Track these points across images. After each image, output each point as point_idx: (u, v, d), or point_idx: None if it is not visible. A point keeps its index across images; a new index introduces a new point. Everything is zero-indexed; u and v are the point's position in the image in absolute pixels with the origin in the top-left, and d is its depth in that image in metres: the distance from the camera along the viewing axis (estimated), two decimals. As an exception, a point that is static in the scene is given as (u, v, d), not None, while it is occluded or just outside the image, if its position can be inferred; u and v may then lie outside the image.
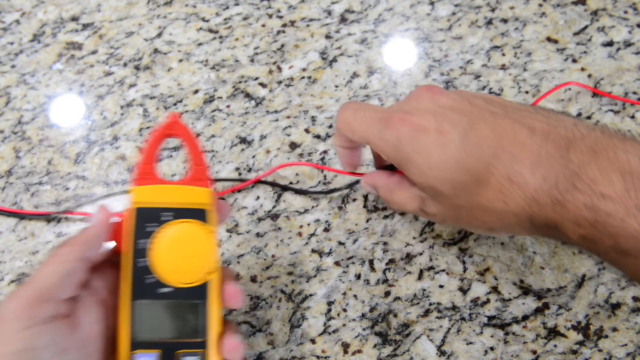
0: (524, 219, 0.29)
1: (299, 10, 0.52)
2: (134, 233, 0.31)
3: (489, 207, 0.29)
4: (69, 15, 0.53)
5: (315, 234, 0.42)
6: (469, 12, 0.51)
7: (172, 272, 0.31)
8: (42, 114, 0.48)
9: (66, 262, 0.29)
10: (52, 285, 0.28)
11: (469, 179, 0.29)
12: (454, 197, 0.30)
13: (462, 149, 0.29)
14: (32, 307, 0.28)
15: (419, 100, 0.33)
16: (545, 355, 0.38)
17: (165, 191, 0.32)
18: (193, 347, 0.32)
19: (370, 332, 0.39)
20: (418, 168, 0.31)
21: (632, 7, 0.51)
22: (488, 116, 0.30)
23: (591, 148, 0.27)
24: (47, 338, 0.28)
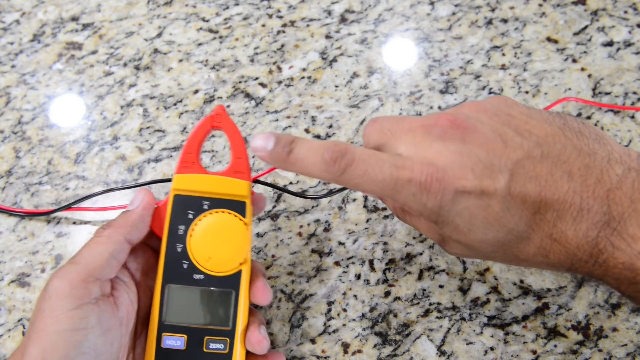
0: (563, 269, 0.28)
1: (299, 10, 0.52)
2: (172, 218, 0.33)
3: (529, 260, 0.28)
4: (69, 15, 0.53)
5: (315, 234, 0.42)
6: (469, 12, 0.51)
7: (207, 259, 0.33)
8: (42, 114, 0.48)
9: (111, 244, 0.30)
10: (99, 265, 0.29)
11: (512, 237, 0.27)
12: (491, 252, 0.29)
13: (506, 207, 0.27)
14: (80, 286, 0.28)
15: (445, 141, 0.28)
16: (545, 355, 0.38)
17: (206, 180, 0.33)
18: (220, 335, 0.33)
19: (370, 332, 0.39)
20: (457, 229, 0.28)
21: (632, 7, 0.51)
22: (526, 162, 0.27)
23: (629, 197, 0.26)
24: (95, 318, 0.28)
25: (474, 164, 0.27)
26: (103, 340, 0.29)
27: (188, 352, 0.32)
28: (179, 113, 0.48)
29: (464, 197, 0.27)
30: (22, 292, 0.41)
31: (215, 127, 0.34)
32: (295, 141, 0.30)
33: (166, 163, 0.45)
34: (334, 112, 0.47)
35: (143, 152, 0.46)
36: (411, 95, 0.48)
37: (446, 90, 0.47)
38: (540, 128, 0.28)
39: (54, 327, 0.27)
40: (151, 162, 0.46)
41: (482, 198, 0.27)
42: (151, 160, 0.46)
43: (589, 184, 0.26)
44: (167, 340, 0.32)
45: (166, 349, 0.32)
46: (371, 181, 0.28)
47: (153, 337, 0.32)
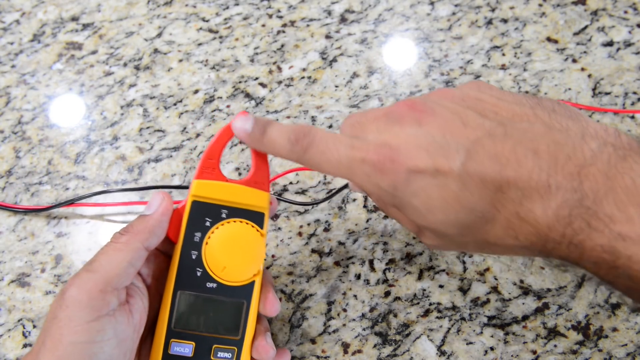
0: (537, 252, 0.26)
1: (299, 10, 0.52)
2: (189, 225, 0.32)
3: (499, 242, 0.27)
4: (69, 15, 0.53)
5: (315, 234, 0.42)
6: (469, 12, 0.51)
7: (222, 269, 0.32)
8: (42, 114, 0.48)
9: (130, 251, 0.29)
10: (117, 274, 0.29)
11: (475, 218, 0.26)
12: (458, 236, 0.28)
13: (464, 186, 0.26)
14: (99, 297, 0.28)
15: (403, 125, 0.28)
16: (545, 355, 0.38)
17: (226, 189, 0.32)
18: (228, 344, 0.32)
19: (370, 332, 0.39)
20: (417, 211, 0.28)
21: (632, 7, 0.51)
22: (486, 141, 0.26)
23: (605, 174, 0.24)
24: (112, 330, 0.28)
25: (428, 144, 0.27)
26: (118, 351, 0.29)
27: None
28: (179, 113, 0.48)
29: (418, 176, 0.27)
30: (22, 292, 0.41)
31: None
32: (269, 123, 0.31)
33: (166, 163, 0.45)
34: (334, 112, 0.47)
35: (143, 152, 0.46)
36: (411, 95, 0.48)
37: (446, 90, 0.47)
38: (508, 109, 0.27)
39: (70, 338, 0.27)
40: (151, 162, 0.46)
41: (437, 177, 0.26)
42: (151, 160, 0.46)
43: (558, 161, 0.25)
44: (175, 347, 0.31)
45: (173, 355, 0.31)
46: (328, 161, 0.28)
47: (160, 343, 0.31)
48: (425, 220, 0.28)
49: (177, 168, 0.45)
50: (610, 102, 0.46)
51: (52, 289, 0.41)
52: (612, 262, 0.23)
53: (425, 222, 0.28)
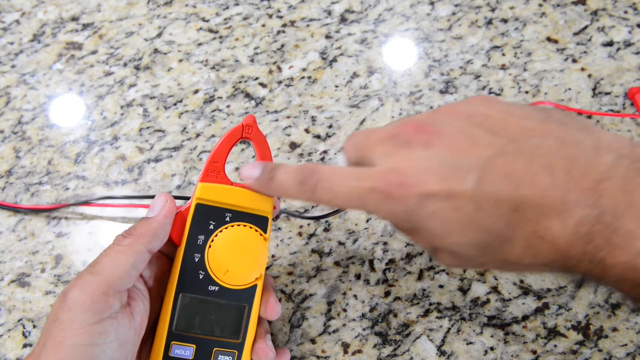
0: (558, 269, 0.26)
1: (299, 10, 0.52)
2: (193, 227, 0.32)
3: (519, 261, 0.26)
4: (69, 15, 0.53)
5: (315, 234, 0.42)
6: (469, 12, 0.51)
7: (224, 272, 0.32)
8: (42, 114, 0.48)
9: (132, 254, 0.29)
10: (119, 276, 0.29)
11: (492, 239, 0.26)
12: (477, 257, 0.27)
13: (478, 208, 0.25)
14: (101, 299, 0.28)
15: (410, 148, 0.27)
16: (545, 355, 0.38)
17: (231, 192, 0.32)
18: (229, 347, 0.32)
19: (370, 332, 0.39)
20: (433, 234, 0.27)
21: (632, 7, 0.51)
22: (497, 160, 0.25)
23: (622, 188, 0.23)
24: (114, 333, 0.28)
25: (439, 166, 0.26)
26: (119, 353, 0.28)
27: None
28: (179, 113, 0.48)
29: (431, 200, 0.26)
30: (22, 292, 0.41)
31: (246, 138, 0.33)
32: (276, 168, 0.31)
33: (166, 163, 0.45)
34: (334, 112, 0.47)
35: (143, 152, 0.46)
36: (411, 95, 0.48)
37: (446, 90, 0.47)
38: (517, 124, 0.26)
39: (72, 341, 0.27)
40: (151, 162, 0.46)
41: (450, 200, 0.25)
42: (151, 160, 0.46)
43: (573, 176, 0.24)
44: (176, 350, 0.31)
45: (174, 357, 0.31)
46: (338, 196, 0.28)
47: (161, 345, 0.31)
48: (442, 243, 0.27)
49: (177, 168, 0.45)
50: (610, 102, 0.46)
51: (52, 289, 0.41)
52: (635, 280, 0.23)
53: (443, 244, 0.27)
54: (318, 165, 0.29)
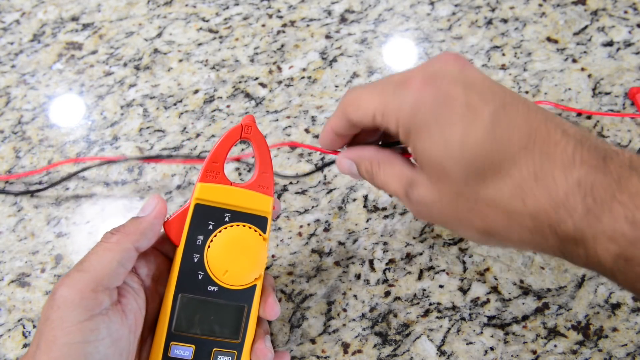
0: (542, 225, 0.25)
1: (299, 10, 0.52)
2: (192, 228, 0.32)
3: (501, 203, 0.25)
4: (69, 15, 0.53)
5: (315, 234, 0.42)
6: (469, 12, 0.51)
7: (223, 272, 0.32)
8: (42, 114, 0.48)
9: (120, 251, 0.29)
10: (107, 274, 0.29)
11: (488, 165, 0.25)
12: (460, 183, 0.26)
13: (491, 130, 0.25)
14: (90, 297, 0.28)
15: (446, 65, 0.27)
16: (545, 355, 0.38)
17: (230, 192, 0.32)
18: (228, 347, 0.32)
19: (370, 332, 0.39)
20: (432, 140, 0.26)
21: (632, 7, 0.51)
22: (521, 105, 0.26)
23: (629, 164, 0.24)
24: (105, 329, 0.28)
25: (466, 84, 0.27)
26: (113, 350, 0.28)
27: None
28: (179, 113, 0.48)
29: (448, 104, 0.26)
30: (22, 292, 0.41)
31: (245, 138, 0.33)
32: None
33: (166, 163, 0.45)
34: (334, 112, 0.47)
35: (143, 152, 0.46)
36: (411, 95, 0.48)
37: (446, 90, 0.47)
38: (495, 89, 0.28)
39: (64, 339, 0.27)
40: (151, 162, 0.46)
41: (466, 111, 0.26)
42: (151, 160, 0.46)
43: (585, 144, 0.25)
44: (176, 350, 0.31)
45: (173, 357, 0.31)
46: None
47: (160, 345, 0.31)
48: (437, 151, 0.26)
49: (177, 168, 0.45)
50: (610, 102, 0.46)
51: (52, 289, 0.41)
52: (632, 237, 0.23)
53: (436, 153, 0.26)
54: None
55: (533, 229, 0.25)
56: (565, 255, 0.25)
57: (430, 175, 0.27)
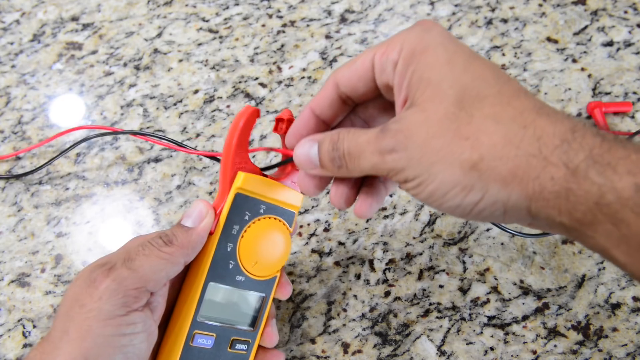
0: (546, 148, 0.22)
1: (299, 10, 0.52)
2: (230, 216, 0.31)
3: (499, 123, 0.23)
4: (69, 15, 0.53)
5: (315, 234, 0.42)
6: (469, 12, 0.51)
7: (253, 263, 0.32)
8: (42, 114, 0.48)
9: (171, 264, 0.29)
10: (154, 280, 0.29)
11: (489, 91, 0.24)
12: (455, 103, 0.24)
13: (493, 67, 0.25)
14: (132, 294, 0.28)
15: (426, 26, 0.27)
16: (545, 355, 0.38)
17: (268, 185, 0.32)
18: (245, 336, 0.33)
19: (370, 332, 0.39)
20: (436, 58, 0.25)
21: (632, 7, 0.51)
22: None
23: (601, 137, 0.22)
24: (141, 324, 0.28)
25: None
26: (147, 345, 0.29)
27: (213, 351, 0.32)
28: (179, 113, 0.48)
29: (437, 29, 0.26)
30: (22, 292, 0.41)
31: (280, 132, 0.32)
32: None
33: (166, 163, 0.45)
34: (334, 112, 0.47)
35: (143, 152, 0.46)
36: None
37: (446, 90, 0.48)
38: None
39: (100, 330, 0.26)
40: (151, 162, 0.46)
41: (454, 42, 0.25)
42: (151, 160, 0.46)
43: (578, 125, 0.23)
44: (199, 339, 0.31)
45: (195, 347, 0.31)
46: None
47: (183, 334, 0.31)
48: (438, 68, 0.24)
49: (177, 168, 0.45)
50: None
51: (52, 289, 0.41)
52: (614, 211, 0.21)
53: (437, 70, 0.24)
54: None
55: (533, 155, 0.22)
56: (569, 192, 0.22)
57: (422, 95, 0.25)
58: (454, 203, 0.24)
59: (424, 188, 0.24)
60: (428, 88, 0.24)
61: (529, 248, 0.41)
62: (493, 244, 0.41)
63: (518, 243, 0.41)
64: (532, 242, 0.41)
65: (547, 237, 0.41)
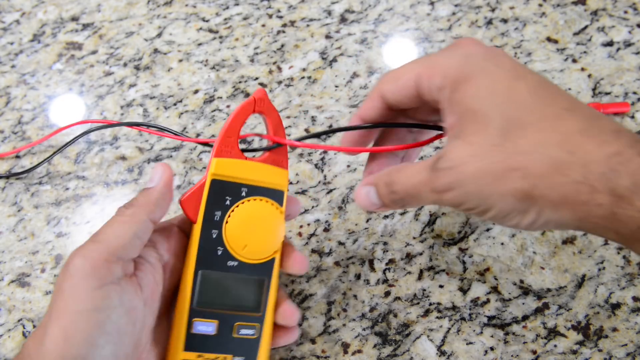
0: (592, 176, 0.23)
1: (299, 10, 0.52)
2: (209, 204, 0.32)
3: (545, 151, 0.24)
4: (69, 15, 0.53)
5: (315, 234, 0.42)
6: (469, 12, 0.51)
7: (243, 247, 0.32)
8: (42, 114, 0.48)
9: (135, 223, 0.29)
10: (122, 245, 0.29)
11: (532, 117, 0.24)
12: (500, 133, 0.24)
13: (537, 89, 0.25)
14: (102, 266, 0.28)
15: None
16: (545, 355, 0.38)
17: (245, 167, 0.32)
18: (250, 321, 0.33)
19: (370, 332, 0.39)
20: (479, 87, 0.26)
21: (632, 7, 0.51)
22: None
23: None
24: (117, 298, 0.28)
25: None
26: (126, 320, 0.28)
27: (218, 338, 0.32)
28: (179, 113, 0.48)
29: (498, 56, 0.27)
30: (22, 292, 0.41)
31: (258, 111, 0.33)
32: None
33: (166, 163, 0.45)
34: (334, 112, 0.47)
35: (143, 152, 0.46)
36: (411, 95, 0.48)
37: (446, 90, 0.47)
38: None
39: (75, 307, 0.27)
40: (151, 162, 0.46)
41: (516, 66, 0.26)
42: (151, 160, 0.46)
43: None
44: (199, 326, 0.31)
45: (196, 334, 0.31)
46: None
47: (183, 323, 0.31)
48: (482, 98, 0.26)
49: (177, 168, 0.45)
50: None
51: (52, 289, 0.41)
52: None
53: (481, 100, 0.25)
54: None
55: (581, 182, 0.23)
56: (615, 216, 0.23)
57: (467, 127, 0.26)
58: (513, 223, 0.26)
59: (485, 214, 0.26)
60: (473, 122, 0.25)
61: (529, 248, 0.41)
62: (493, 244, 0.41)
63: (518, 243, 0.41)
64: (532, 242, 0.41)
65: (547, 237, 0.41)
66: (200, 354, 0.31)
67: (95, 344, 0.26)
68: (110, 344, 0.27)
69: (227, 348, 0.32)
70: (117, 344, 0.28)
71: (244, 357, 0.32)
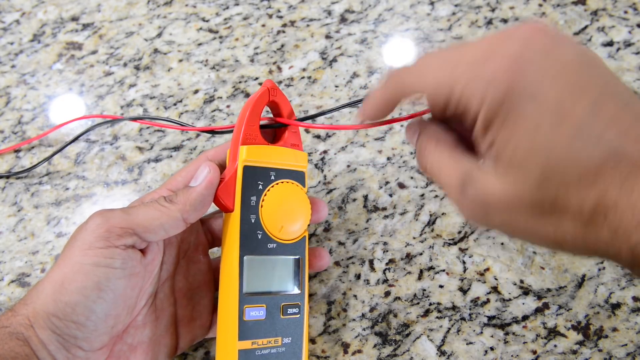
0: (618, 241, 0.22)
1: (299, 10, 0.52)
2: (244, 190, 0.33)
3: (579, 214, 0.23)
4: (69, 15, 0.53)
5: (315, 234, 0.42)
6: (469, 12, 0.51)
7: (279, 228, 0.34)
8: (42, 114, 0.48)
9: (166, 216, 0.30)
10: (144, 226, 0.30)
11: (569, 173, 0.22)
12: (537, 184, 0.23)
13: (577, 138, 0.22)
14: (117, 232, 0.29)
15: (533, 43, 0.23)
16: (545, 355, 0.38)
17: (271, 152, 0.34)
18: (294, 300, 0.34)
19: (370, 332, 0.39)
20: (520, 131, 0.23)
21: (632, 7, 0.51)
22: (612, 104, 0.23)
23: None
24: (119, 260, 0.29)
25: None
26: (125, 283, 0.29)
27: (267, 321, 0.33)
28: (179, 113, 0.48)
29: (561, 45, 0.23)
30: (22, 292, 0.41)
31: (272, 100, 0.34)
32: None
33: (166, 163, 0.45)
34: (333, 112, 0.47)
35: (143, 152, 0.46)
36: (411, 95, 0.48)
37: (446, 90, 0.47)
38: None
39: (78, 259, 0.28)
40: (151, 162, 0.46)
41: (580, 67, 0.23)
42: (151, 160, 0.46)
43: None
44: (251, 312, 0.32)
45: (248, 321, 0.32)
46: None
47: (234, 311, 0.32)
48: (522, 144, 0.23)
49: (177, 168, 0.45)
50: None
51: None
52: None
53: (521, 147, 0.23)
54: None
55: (608, 243, 0.22)
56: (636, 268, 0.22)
57: (503, 171, 0.24)
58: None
59: None
60: (512, 163, 0.23)
61: (529, 248, 0.41)
62: (493, 244, 0.41)
63: (518, 243, 0.41)
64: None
65: (547, 237, 0.41)
66: (254, 341, 0.32)
67: (88, 296, 0.28)
68: (103, 301, 0.28)
69: (277, 330, 0.33)
70: (109, 302, 0.29)
71: (290, 337, 0.33)
